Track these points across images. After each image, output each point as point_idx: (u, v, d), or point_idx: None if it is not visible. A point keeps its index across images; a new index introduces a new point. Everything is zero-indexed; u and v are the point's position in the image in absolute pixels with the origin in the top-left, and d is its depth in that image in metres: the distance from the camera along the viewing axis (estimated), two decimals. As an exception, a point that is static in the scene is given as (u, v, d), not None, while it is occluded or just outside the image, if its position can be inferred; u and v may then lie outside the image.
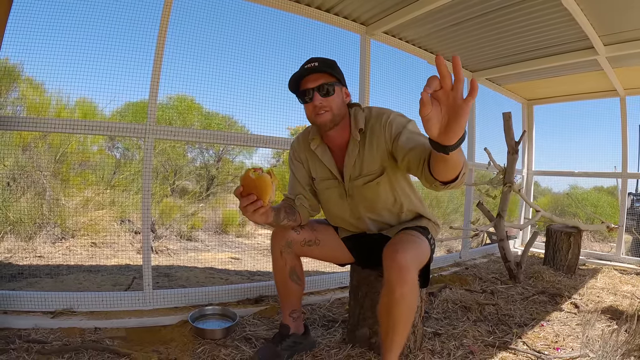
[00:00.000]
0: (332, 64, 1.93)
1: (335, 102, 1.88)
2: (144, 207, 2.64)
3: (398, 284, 1.67)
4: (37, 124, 2.50)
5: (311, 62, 1.89)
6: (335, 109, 1.88)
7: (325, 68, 1.86)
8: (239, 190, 1.56)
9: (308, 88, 1.86)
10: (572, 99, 5.49)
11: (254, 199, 1.54)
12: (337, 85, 1.89)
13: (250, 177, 1.52)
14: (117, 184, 5.90)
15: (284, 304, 2.20)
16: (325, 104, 1.85)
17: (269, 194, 1.54)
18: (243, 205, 1.56)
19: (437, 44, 4.06)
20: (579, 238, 4.21)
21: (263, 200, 1.53)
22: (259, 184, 1.52)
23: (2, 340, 2.08)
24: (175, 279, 3.64)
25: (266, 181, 1.52)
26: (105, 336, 2.27)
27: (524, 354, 2.24)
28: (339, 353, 2.16)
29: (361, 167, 1.96)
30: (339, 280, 3.38)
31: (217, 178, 7.28)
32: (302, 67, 1.90)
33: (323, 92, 1.85)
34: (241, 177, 1.55)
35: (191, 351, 2.16)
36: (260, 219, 1.67)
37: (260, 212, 1.59)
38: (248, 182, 1.53)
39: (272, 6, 3.19)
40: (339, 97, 1.91)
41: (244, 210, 1.59)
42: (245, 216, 1.62)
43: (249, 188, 1.54)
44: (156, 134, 2.65)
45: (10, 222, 4.61)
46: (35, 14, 2.59)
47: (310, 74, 1.86)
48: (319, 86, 1.85)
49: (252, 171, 1.52)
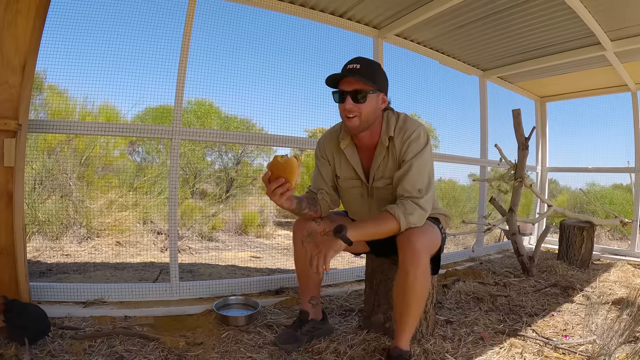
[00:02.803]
0: (373, 71, 1.93)
1: (365, 109, 1.92)
2: (171, 203, 2.80)
3: (412, 266, 1.81)
4: (70, 127, 2.69)
5: (353, 63, 1.91)
6: (364, 115, 1.93)
7: (363, 75, 1.88)
8: (267, 175, 1.73)
9: (342, 90, 1.92)
10: (584, 95, 5.53)
11: (282, 182, 1.70)
12: (372, 94, 1.92)
13: (278, 161, 1.70)
14: (139, 187, 6.09)
15: (303, 291, 2.33)
16: (355, 109, 1.90)
17: (295, 176, 1.71)
18: (272, 188, 1.72)
19: (447, 44, 4.16)
20: (592, 232, 4.25)
21: (290, 182, 1.71)
22: (287, 167, 1.70)
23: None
24: (198, 275, 3.77)
25: (293, 164, 1.70)
26: (135, 324, 2.41)
27: (532, 340, 2.32)
28: (355, 338, 2.28)
29: (384, 171, 2.07)
30: (356, 273, 3.50)
31: (236, 180, 7.42)
32: (345, 66, 1.93)
33: (355, 98, 1.89)
34: (269, 164, 1.73)
35: (216, 336, 2.30)
36: (285, 202, 1.83)
37: (286, 195, 1.76)
38: (277, 166, 1.71)
39: (288, 13, 3.34)
40: (370, 105, 1.94)
41: (272, 194, 1.75)
42: (272, 200, 1.78)
43: (278, 172, 1.71)
44: (182, 135, 2.82)
45: (38, 222, 4.80)
46: (56, 23, 2.66)
47: (349, 77, 1.89)
48: (352, 91, 1.89)
49: (279, 157, 1.70)
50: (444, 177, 5.80)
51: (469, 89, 4.96)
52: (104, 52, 3.11)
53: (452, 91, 4.94)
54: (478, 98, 4.96)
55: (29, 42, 2.23)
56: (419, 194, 1.91)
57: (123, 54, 3.21)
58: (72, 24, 2.82)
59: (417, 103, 4.46)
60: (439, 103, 4.81)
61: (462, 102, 5.12)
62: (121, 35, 3.14)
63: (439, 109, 4.83)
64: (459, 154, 4.58)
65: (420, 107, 4.59)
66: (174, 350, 2.08)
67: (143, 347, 2.09)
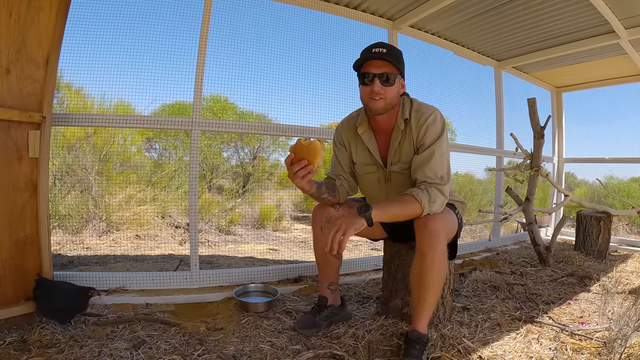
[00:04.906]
0: (398, 55, 1.99)
1: (391, 93, 1.97)
2: (191, 193, 2.86)
3: (429, 250, 1.84)
4: (92, 120, 2.77)
5: (379, 47, 1.94)
6: (389, 98, 1.97)
7: (391, 58, 1.91)
8: (289, 157, 1.78)
9: (370, 72, 1.94)
10: (601, 85, 5.46)
11: (305, 164, 1.75)
12: (397, 77, 1.98)
13: (302, 144, 1.75)
14: (157, 182, 6.18)
15: (322, 277, 2.37)
16: (382, 92, 1.94)
17: (318, 159, 1.76)
18: (294, 170, 1.77)
19: (461, 35, 4.16)
20: (609, 223, 4.22)
21: (313, 164, 1.75)
22: (311, 149, 1.74)
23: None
24: (217, 266, 3.83)
25: (317, 146, 1.74)
26: (156, 310, 2.48)
27: (549, 326, 2.33)
28: (373, 323, 2.31)
29: (400, 155, 2.10)
30: (373, 262, 3.54)
31: (253, 175, 7.49)
32: (369, 50, 1.96)
33: (383, 80, 1.94)
34: (291, 147, 1.79)
35: (236, 322, 2.36)
36: (306, 185, 1.89)
37: (307, 178, 1.80)
38: (300, 148, 1.76)
39: (302, 5, 3.37)
40: (396, 88, 1.99)
41: (294, 177, 1.79)
42: (294, 182, 1.82)
43: (301, 154, 1.76)
44: (202, 126, 2.87)
45: (59, 217, 4.90)
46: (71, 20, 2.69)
47: (376, 60, 1.93)
48: (381, 74, 1.93)
49: (303, 140, 1.75)
50: (460, 170, 5.80)
51: (484, 80, 4.94)
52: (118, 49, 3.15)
53: (467, 82, 4.93)
54: (493, 89, 4.94)
55: (51, 38, 2.29)
56: (442, 180, 1.94)
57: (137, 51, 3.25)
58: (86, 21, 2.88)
59: (433, 94, 4.46)
60: (455, 94, 4.80)
61: (477, 93, 5.10)
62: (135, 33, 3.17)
63: (454, 100, 4.81)
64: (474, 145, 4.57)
65: (435, 99, 4.57)
66: (195, 335, 2.13)
67: (164, 332, 2.15)
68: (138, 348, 1.94)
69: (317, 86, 3.57)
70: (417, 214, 1.88)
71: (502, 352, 2.01)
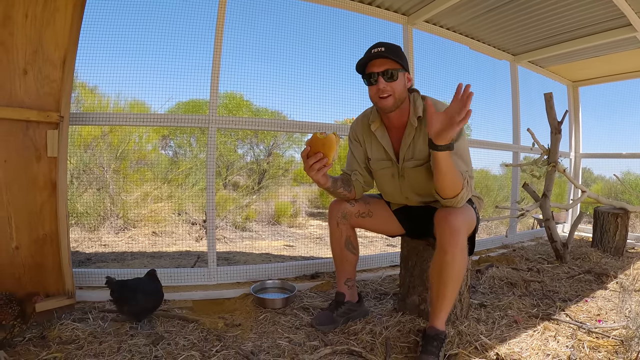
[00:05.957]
0: (397, 51, 2.03)
1: (397, 87, 2.00)
2: (209, 190, 2.89)
3: (450, 246, 1.84)
4: (109, 119, 2.83)
5: (378, 47, 1.99)
6: (397, 93, 2.00)
7: (390, 54, 1.95)
8: (305, 151, 1.82)
9: (373, 72, 1.99)
10: (617, 79, 5.38)
11: (320, 157, 1.78)
12: (400, 72, 2.00)
13: (318, 137, 1.78)
14: (173, 179, 6.23)
15: (339, 272, 2.37)
16: (388, 88, 1.98)
17: (333, 152, 1.79)
18: (310, 163, 1.80)
19: (476, 29, 4.13)
20: (627, 219, 4.16)
21: (328, 157, 1.77)
22: (326, 142, 1.78)
23: (80, 311, 2.35)
24: (234, 262, 3.86)
25: (332, 140, 1.78)
26: (174, 307, 2.51)
27: (566, 324, 2.32)
28: (390, 320, 2.31)
29: (413, 151, 2.10)
30: (390, 259, 3.53)
31: (268, 172, 7.52)
32: (369, 51, 2.02)
33: (387, 77, 1.97)
34: (307, 141, 1.82)
35: (254, 318, 2.38)
36: (322, 179, 1.93)
37: (323, 171, 1.84)
38: (316, 142, 1.79)
39: (317, 2, 3.38)
40: (401, 82, 2.02)
41: (309, 170, 1.83)
42: (310, 176, 1.86)
43: (317, 147, 1.79)
44: (218, 123, 2.89)
45: (76, 214, 4.97)
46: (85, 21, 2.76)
47: (377, 59, 1.98)
48: (383, 71, 1.97)
49: (319, 134, 1.78)
50: (476, 166, 5.75)
51: (500, 75, 4.89)
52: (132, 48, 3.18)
53: (483, 77, 4.89)
54: (509, 83, 4.89)
55: (67, 38, 2.31)
56: (468, 176, 1.96)
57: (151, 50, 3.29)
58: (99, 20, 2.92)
59: (449, 90, 4.44)
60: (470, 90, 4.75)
61: (493, 88, 5.05)
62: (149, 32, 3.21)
63: (470, 95, 4.76)
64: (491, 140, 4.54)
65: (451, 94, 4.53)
66: (213, 331, 2.16)
67: (183, 328, 2.18)
68: (157, 344, 1.97)
69: (332, 82, 3.58)
70: (456, 189, 1.88)
71: (519, 349, 2.00)
